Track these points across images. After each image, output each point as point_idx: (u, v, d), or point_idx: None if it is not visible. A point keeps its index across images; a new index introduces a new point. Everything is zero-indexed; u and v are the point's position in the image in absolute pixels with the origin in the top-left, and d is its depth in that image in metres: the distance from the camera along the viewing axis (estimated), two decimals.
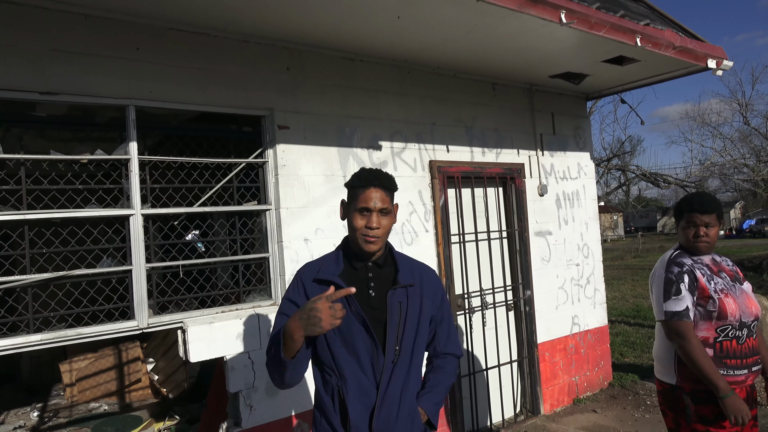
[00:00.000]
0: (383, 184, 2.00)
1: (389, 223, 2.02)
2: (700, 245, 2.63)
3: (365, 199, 1.97)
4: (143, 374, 6.22)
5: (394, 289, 2.02)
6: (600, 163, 18.35)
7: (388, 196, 2.00)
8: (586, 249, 5.86)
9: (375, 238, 1.97)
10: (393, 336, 1.98)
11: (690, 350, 2.47)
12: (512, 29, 3.77)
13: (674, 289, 2.55)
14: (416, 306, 2.06)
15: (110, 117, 3.44)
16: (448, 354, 2.20)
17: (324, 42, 3.83)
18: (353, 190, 2.02)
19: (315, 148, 3.88)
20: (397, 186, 2.10)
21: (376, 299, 2.01)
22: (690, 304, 2.53)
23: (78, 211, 3.09)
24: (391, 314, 1.99)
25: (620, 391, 5.77)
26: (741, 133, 30.11)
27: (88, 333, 3.02)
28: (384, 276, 2.06)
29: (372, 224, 1.95)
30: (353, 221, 1.99)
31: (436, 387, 2.13)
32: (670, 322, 2.54)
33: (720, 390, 2.41)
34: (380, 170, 2.05)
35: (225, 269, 4.05)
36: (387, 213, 2.00)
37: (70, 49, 3.02)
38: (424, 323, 2.08)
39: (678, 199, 3.03)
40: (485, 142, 5.01)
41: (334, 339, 1.96)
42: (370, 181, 1.99)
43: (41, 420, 5.70)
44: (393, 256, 2.11)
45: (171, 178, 3.48)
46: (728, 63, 4.91)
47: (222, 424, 3.51)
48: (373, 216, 1.96)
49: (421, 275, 2.13)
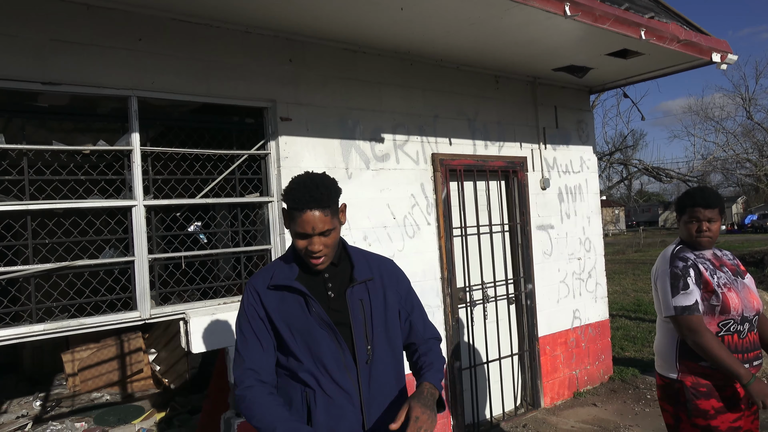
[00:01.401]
0: (321, 204, 1.80)
1: (334, 237, 1.88)
2: (702, 240, 2.62)
3: (302, 224, 1.80)
4: (145, 365, 6.25)
5: (351, 287, 1.93)
6: (602, 157, 18.30)
7: (328, 215, 1.82)
8: (588, 243, 5.85)
9: (322, 257, 1.87)
10: (361, 336, 1.91)
11: (705, 343, 2.43)
12: (516, 21, 3.75)
13: (682, 283, 2.53)
14: (380, 300, 1.98)
15: (112, 108, 3.43)
16: (430, 339, 2.12)
17: (326, 33, 3.82)
18: (290, 212, 1.84)
19: (317, 140, 3.87)
20: (339, 192, 1.91)
21: (336, 300, 1.93)
22: (698, 297, 2.51)
23: (80, 202, 3.09)
24: (354, 314, 1.91)
25: (621, 384, 5.78)
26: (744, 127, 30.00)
27: (90, 323, 3.04)
28: (341, 274, 1.97)
29: (314, 248, 1.83)
30: (295, 242, 1.87)
31: (432, 364, 2.00)
32: (681, 317, 2.50)
33: (743, 377, 2.38)
34: (315, 186, 1.82)
35: (227, 261, 4.05)
36: (330, 231, 1.85)
37: (72, 40, 3.01)
38: (393, 316, 2.01)
39: (680, 193, 3.02)
40: (488, 135, 5.00)
41: (298, 347, 1.88)
42: (305, 202, 1.79)
43: (44, 409, 5.74)
44: (347, 252, 2.01)
45: (173, 170, 3.48)
46: (733, 57, 4.89)
47: (223, 415, 3.52)
48: (314, 240, 1.83)
49: (379, 267, 2.04)
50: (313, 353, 1.88)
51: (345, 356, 1.89)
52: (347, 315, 1.91)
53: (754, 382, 2.38)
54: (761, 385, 2.38)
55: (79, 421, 5.19)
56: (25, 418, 5.39)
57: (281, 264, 1.98)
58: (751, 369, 2.53)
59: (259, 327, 1.91)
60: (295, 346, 1.88)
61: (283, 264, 1.97)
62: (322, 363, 1.88)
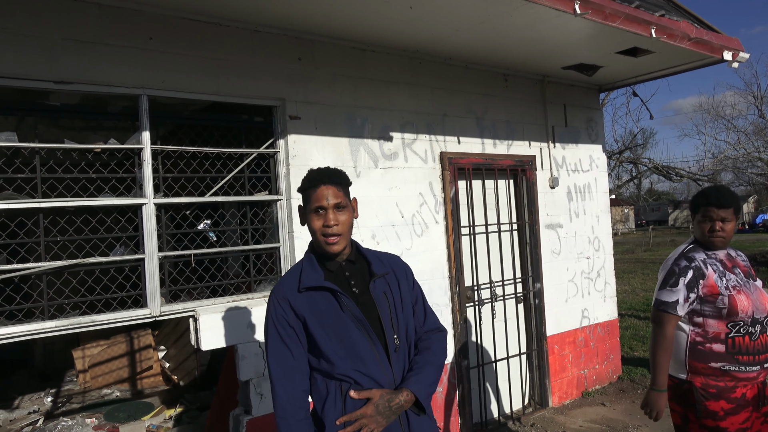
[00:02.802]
0: (333, 180, 1.97)
1: (348, 218, 1.98)
2: (715, 240, 2.61)
3: (317, 198, 1.95)
4: (155, 361, 6.29)
5: (373, 281, 2.02)
6: (612, 156, 18.20)
7: (340, 191, 1.98)
8: (597, 242, 5.83)
9: (336, 236, 1.94)
10: (389, 326, 1.99)
11: (658, 340, 2.57)
12: (525, 20, 3.74)
13: (672, 280, 2.59)
14: (398, 292, 2.07)
15: (123, 106, 3.45)
16: (430, 330, 2.15)
17: (335, 32, 3.82)
18: (305, 192, 2.00)
19: (326, 139, 3.88)
20: (350, 180, 2.06)
21: (361, 296, 2.00)
22: (682, 298, 2.56)
23: (91, 200, 3.12)
24: (381, 306, 1.99)
25: (629, 384, 5.76)
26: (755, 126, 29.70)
27: (101, 320, 3.06)
28: (359, 271, 2.06)
29: (329, 222, 1.93)
30: (311, 223, 1.97)
31: (423, 368, 2.02)
32: (656, 309, 2.62)
33: (656, 384, 2.57)
34: (329, 167, 2.03)
35: (236, 259, 4.07)
36: (343, 208, 1.97)
37: (84, 39, 3.03)
38: (408, 307, 2.10)
39: (691, 192, 3.01)
40: (496, 133, 4.99)
41: (332, 345, 1.92)
42: (319, 179, 1.97)
43: (54, 405, 5.79)
44: (361, 252, 2.11)
45: (183, 168, 3.50)
46: (744, 55, 4.84)
47: (232, 412, 3.54)
48: (329, 213, 1.94)
49: (390, 262, 2.14)
50: (348, 350, 1.93)
51: (378, 350, 1.95)
52: (374, 308, 1.99)
53: (659, 392, 2.56)
54: (660, 399, 2.57)
55: (90, 417, 5.24)
56: (37, 414, 5.44)
57: (305, 268, 2.02)
58: (762, 371, 2.52)
59: (290, 335, 1.95)
60: (330, 345, 1.92)
61: (306, 268, 2.02)
62: (359, 358, 1.93)
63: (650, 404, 2.59)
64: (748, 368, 2.48)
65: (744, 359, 2.48)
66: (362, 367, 1.93)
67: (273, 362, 1.95)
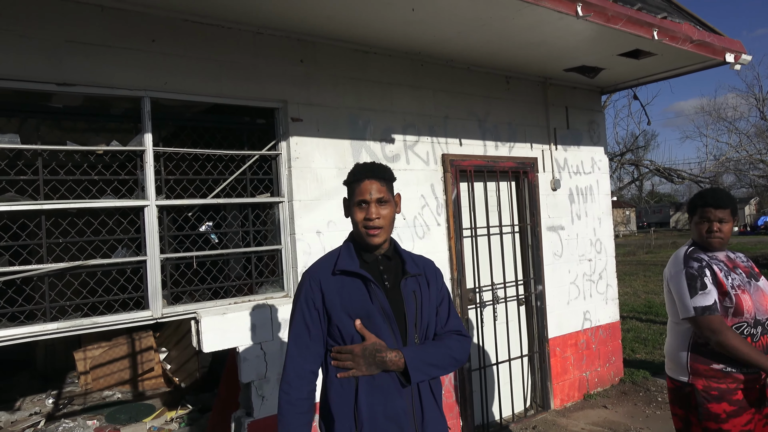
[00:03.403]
0: (377, 175, 2.03)
1: (390, 212, 2.03)
2: (712, 241, 2.60)
3: (361, 192, 2.00)
4: (156, 363, 6.29)
5: (405, 279, 2.06)
6: (613, 158, 18.19)
7: (384, 186, 2.03)
8: (599, 244, 5.82)
9: (377, 229, 1.99)
10: (412, 325, 2.02)
11: (729, 343, 2.41)
12: (527, 22, 3.74)
13: (699, 283, 2.50)
14: (427, 294, 2.11)
15: (125, 108, 3.46)
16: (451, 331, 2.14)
17: (337, 34, 3.83)
18: (350, 186, 2.07)
19: (328, 141, 3.88)
20: (394, 176, 2.12)
21: (392, 290, 2.04)
22: (717, 297, 2.49)
23: (93, 202, 3.12)
24: (408, 304, 2.03)
25: (631, 387, 5.75)
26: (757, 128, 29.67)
27: (103, 322, 3.06)
28: (393, 268, 2.10)
29: (371, 215, 1.98)
30: (354, 215, 2.03)
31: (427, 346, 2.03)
32: (701, 318, 2.47)
33: (766, 367, 2.38)
34: (374, 162, 2.09)
35: (238, 261, 4.07)
36: (385, 202, 2.02)
37: (86, 41, 3.04)
38: (433, 309, 2.14)
39: (692, 194, 3.00)
40: (498, 135, 4.99)
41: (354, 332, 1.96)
42: (363, 174, 2.03)
43: (56, 407, 5.79)
44: (398, 250, 2.15)
45: (185, 170, 3.51)
46: (747, 57, 4.84)
47: (234, 414, 3.54)
48: (371, 207, 1.99)
49: (424, 264, 2.19)
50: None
51: (398, 345, 1.98)
52: (401, 305, 2.02)
53: None
54: None
55: (91, 419, 5.24)
56: (38, 416, 5.44)
57: (342, 254, 2.07)
58: (764, 373, 2.50)
59: (313, 317, 2.00)
60: (352, 332, 1.96)
61: (344, 254, 2.06)
62: None
63: None
64: (749, 370, 2.47)
65: None
66: None
67: (291, 341, 2.02)
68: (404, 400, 1.97)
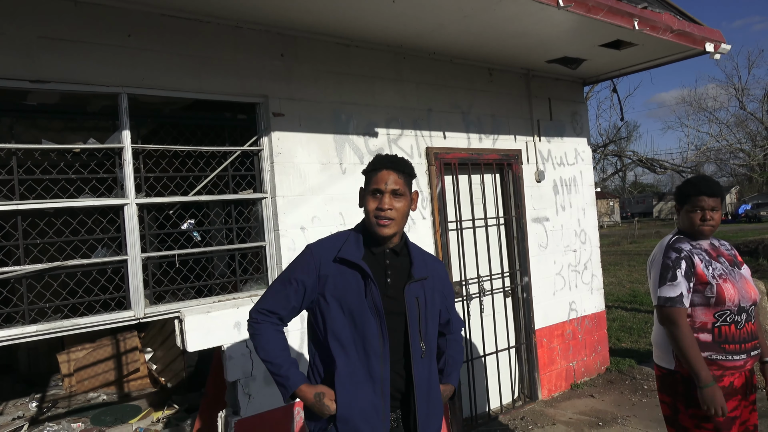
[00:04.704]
0: (396, 167, 2.01)
1: (404, 206, 2.01)
2: (704, 229, 2.62)
3: (377, 181, 1.99)
4: (141, 364, 6.22)
5: (410, 284, 2.02)
6: (597, 149, 18.33)
7: (401, 179, 2.01)
8: (584, 235, 5.85)
9: (388, 221, 1.96)
10: (416, 331, 2.00)
11: (678, 336, 2.47)
12: (509, 13, 3.73)
13: (670, 274, 2.54)
14: (432, 300, 2.09)
15: (102, 105, 3.39)
16: (457, 331, 2.36)
17: (318, 27, 3.78)
18: (368, 175, 2.05)
19: (311, 136, 3.84)
20: (415, 173, 2.11)
21: (392, 288, 2.01)
22: (685, 290, 2.52)
23: (71, 201, 3.06)
24: (410, 309, 2.00)
25: (617, 375, 5.80)
26: (737, 118, 30.12)
27: (84, 323, 3.01)
28: (400, 266, 2.06)
29: (384, 205, 1.95)
30: (367, 204, 2.01)
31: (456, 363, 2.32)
32: (663, 307, 2.53)
33: (701, 380, 2.40)
34: (396, 155, 2.07)
35: (221, 258, 4.03)
36: (400, 195, 2.00)
37: (60, 37, 2.96)
38: (437, 316, 2.15)
39: (675, 184, 3.02)
40: (482, 128, 4.98)
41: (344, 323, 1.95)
42: (383, 164, 2.02)
43: (40, 410, 5.71)
44: (408, 247, 2.12)
45: (165, 167, 3.45)
46: (726, 46, 4.88)
47: (221, 413, 3.51)
48: (385, 197, 1.97)
49: (434, 267, 2.16)
50: (357, 334, 1.94)
51: (384, 346, 1.95)
52: (400, 305, 2.00)
53: (710, 387, 2.38)
54: (715, 392, 2.38)
55: (76, 421, 5.17)
56: (22, 420, 5.36)
57: (349, 239, 2.04)
58: (749, 359, 2.53)
59: (298, 290, 2.00)
60: (341, 322, 1.94)
61: (350, 240, 2.04)
62: (363, 345, 1.94)
63: (707, 402, 2.38)
64: (735, 357, 2.50)
65: (731, 348, 2.50)
66: (363, 355, 1.94)
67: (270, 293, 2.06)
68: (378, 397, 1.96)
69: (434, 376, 2.11)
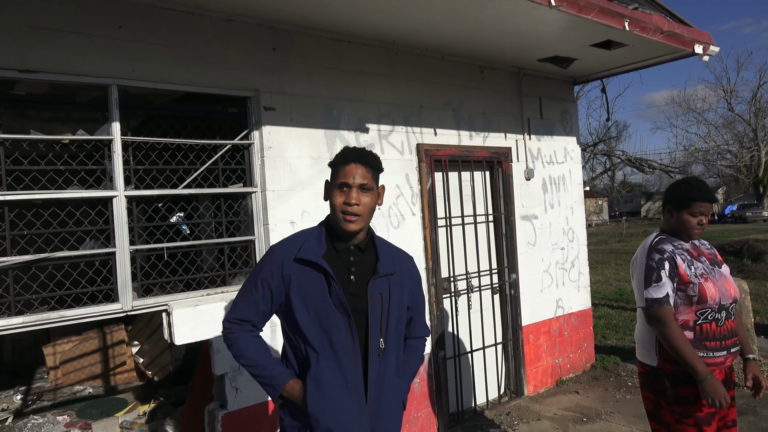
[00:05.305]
0: (365, 161, 1.96)
1: (371, 201, 1.95)
2: (697, 233, 2.68)
3: (344, 175, 1.93)
4: (128, 357, 6.19)
5: (374, 279, 1.96)
6: (586, 148, 18.45)
7: (369, 173, 1.95)
8: (572, 233, 5.90)
9: (355, 216, 1.91)
10: (376, 328, 1.95)
11: (670, 336, 2.50)
12: (501, 11, 3.75)
13: (655, 276, 2.58)
14: (397, 296, 2.03)
15: (92, 97, 3.37)
16: (419, 337, 2.23)
17: (311, 22, 3.78)
18: (335, 167, 1.99)
19: (301, 130, 3.84)
20: (382, 166, 2.06)
21: (356, 286, 1.96)
22: (670, 290, 2.56)
23: (60, 193, 3.04)
24: (372, 306, 1.94)
25: (602, 372, 5.86)
26: (725, 119, 30.41)
27: (71, 315, 2.99)
28: (365, 262, 2.01)
29: (351, 200, 1.90)
30: (333, 198, 1.95)
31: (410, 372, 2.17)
32: (651, 308, 2.57)
33: (699, 374, 2.43)
34: (364, 148, 2.01)
35: (210, 252, 4.02)
36: (368, 190, 1.94)
37: (50, 26, 2.94)
38: (404, 312, 2.08)
39: (663, 184, 3.06)
40: (473, 125, 5.00)
41: (311, 323, 1.91)
42: (351, 157, 1.95)
43: (25, 403, 5.67)
44: (374, 242, 2.06)
45: (155, 160, 3.43)
46: (715, 48, 4.93)
47: (208, 406, 3.51)
48: (353, 192, 1.91)
49: (401, 263, 2.09)
50: (324, 333, 1.90)
51: (354, 343, 1.92)
52: (364, 302, 1.95)
53: (709, 379, 2.42)
54: (715, 384, 2.42)
55: (61, 414, 5.14)
56: (6, 412, 5.32)
57: (311, 237, 1.99)
58: (729, 356, 2.58)
59: (265, 294, 1.96)
60: (308, 323, 1.90)
61: (312, 238, 1.99)
62: (330, 345, 1.90)
63: (709, 395, 2.41)
64: (715, 354, 2.54)
65: (712, 345, 2.54)
66: (332, 354, 1.91)
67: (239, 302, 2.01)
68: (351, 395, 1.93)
69: (390, 378, 2.01)
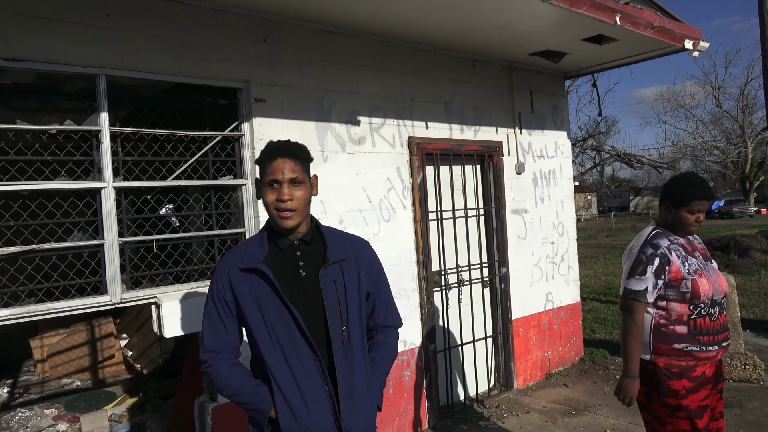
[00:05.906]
0: (292, 154, 1.90)
1: (304, 194, 1.90)
2: (694, 229, 2.72)
3: (273, 171, 1.88)
4: (117, 350, 6.15)
5: (324, 268, 1.92)
6: (576, 143, 18.52)
7: (298, 165, 1.90)
8: (561, 227, 5.93)
9: (289, 212, 1.87)
10: (335, 316, 1.91)
11: (630, 327, 2.62)
12: (493, 4, 3.74)
13: (641, 269, 2.63)
14: (354, 281, 1.98)
15: (80, 87, 3.33)
16: (389, 326, 2.14)
17: (302, 13, 3.75)
18: (262, 165, 1.92)
19: (292, 122, 3.82)
20: (311, 156, 2.00)
21: (308, 279, 1.92)
22: (650, 286, 2.61)
23: (47, 184, 3.00)
24: (327, 295, 1.90)
25: (591, 365, 5.91)
26: (713, 115, 30.65)
27: (58, 308, 2.96)
28: (313, 253, 1.96)
29: (283, 196, 1.85)
30: (265, 197, 1.90)
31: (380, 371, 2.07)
32: (627, 298, 2.66)
33: (629, 371, 2.61)
34: (289, 141, 1.96)
35: (200, 244, 3.99)
36: (299, 183, 1.89)
37: (37, 14, 2.89)
38: (363, 296, 2.02)
39: (651, 179, 3.09)
40: (464, 119, 5.00)
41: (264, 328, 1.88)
42: (277, 152, 1.89)
43: (11, 396, 5.62)
44: (320, 231, 2.01)
45: (144, 151, 3.40)
46: (704, 44, 4.96)
47: (197, 399, 3.49)
48: (284, 187, 1.86)
49: (354, 249, 2.03)
50: (280, 335, 1.87)
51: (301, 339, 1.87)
52: (319, 295, 1.90)
53: (633, 378, 2.62)
54: (634, 384, 2.61)
55: (49, 407, 5.10)
56: None
57: (253, 243, 1.96)
58: (720, 350, 2.61)
59: (225, 310, 1.93)
60: (263, 328, 1.87)
61: (255, 243, 1.95)
62: (293, 346, 1.87)
63: (623, 390, 2.63)
64: (708, 348, 2.57)
65: (705, 339, 2.57)
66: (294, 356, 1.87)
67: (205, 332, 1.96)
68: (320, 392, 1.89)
69: (358, 366, 1.95)
